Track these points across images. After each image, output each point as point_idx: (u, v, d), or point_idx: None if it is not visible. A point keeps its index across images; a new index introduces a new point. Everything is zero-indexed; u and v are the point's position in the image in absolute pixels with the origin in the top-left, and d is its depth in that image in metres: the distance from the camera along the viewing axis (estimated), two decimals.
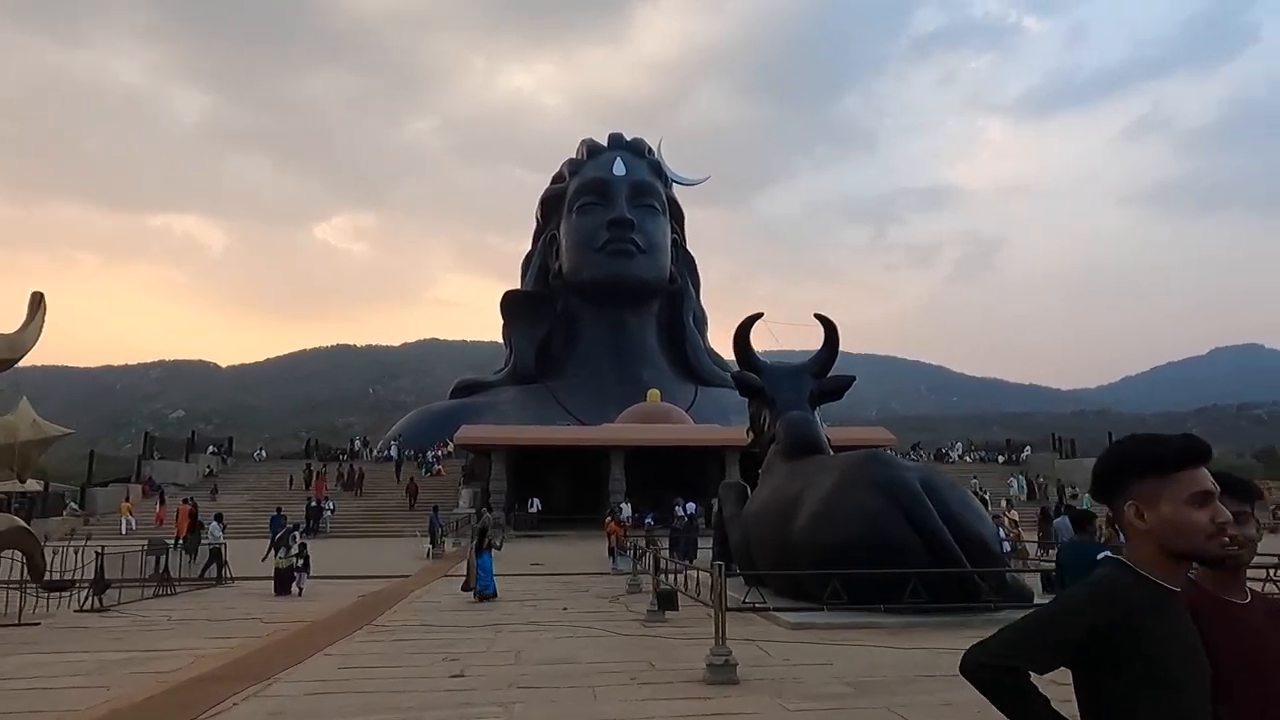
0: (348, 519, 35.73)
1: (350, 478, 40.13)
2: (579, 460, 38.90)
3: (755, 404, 16.58)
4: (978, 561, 10.80)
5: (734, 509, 16.01)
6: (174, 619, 12.21)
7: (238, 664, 8.41)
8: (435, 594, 15.56)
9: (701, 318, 59.18)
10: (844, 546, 11.18)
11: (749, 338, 16.35)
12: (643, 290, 52.72)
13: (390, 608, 13.10)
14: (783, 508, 12.78)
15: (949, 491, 11.64)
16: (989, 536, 11.34)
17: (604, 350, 52.25)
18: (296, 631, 10.71)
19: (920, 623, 10.49)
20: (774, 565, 12.89)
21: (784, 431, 14.74)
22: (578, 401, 48.74)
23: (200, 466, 42.67)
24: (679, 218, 58.80)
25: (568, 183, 54.90)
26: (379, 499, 39.10)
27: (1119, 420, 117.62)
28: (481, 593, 13.95)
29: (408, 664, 8.44)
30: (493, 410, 47.82)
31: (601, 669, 8.04)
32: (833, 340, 16.32)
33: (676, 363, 54.80)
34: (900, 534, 10.88)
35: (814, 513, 11.80)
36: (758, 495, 14.55)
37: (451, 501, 35.67)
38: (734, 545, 15.63)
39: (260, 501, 35.04)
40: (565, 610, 12.85)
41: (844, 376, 16.40)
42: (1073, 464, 46.56)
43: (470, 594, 14.15)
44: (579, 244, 52.18)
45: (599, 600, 14.30)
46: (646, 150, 57.57)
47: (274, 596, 14.62)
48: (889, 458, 12.50)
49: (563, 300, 54.03)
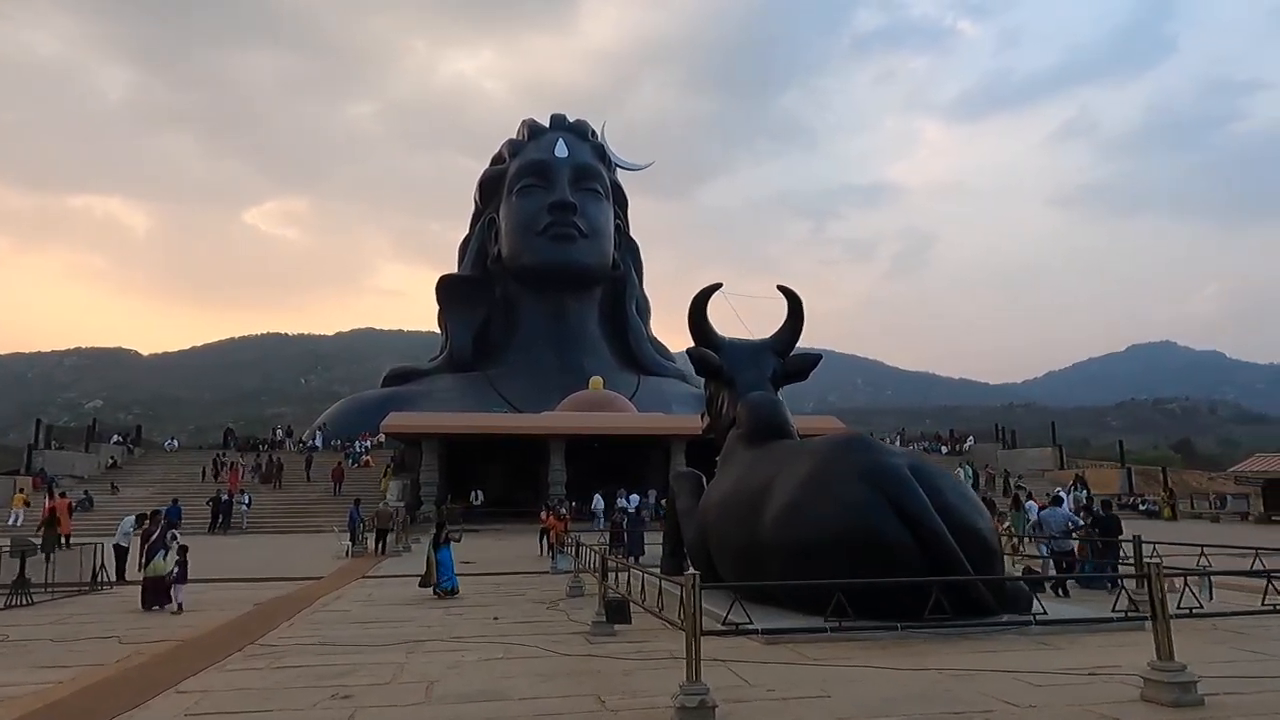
0: (264, 513, 33.05)
1: (268, 469, 37.34)
2: (516, 451, 36.92)
3: (712, 385, 14.90)
4: (978, 561, 9.29)
5: (689, 501, 14.32)
6: (10, 639, 9.95)
7: (49, 711, 6.34)
8: (346, 600, 13.50)
9: (644, 306, 57.74)
10: (822, 545, 9.57)
11: (706, 311, 14.66)
12: (585, 276, 51.00)
13: (287, 620, 11.04)
14: (747, 500, 11.13)
15: (942, 480, 10.08)
16: (988, 531, 9.81)
17: (544, 337, 50.46)
18: (155, 657, 8.61)
19: (913, 634, 8.97)
20: (737, 566, 11.24)
21: (747, 414, 13.09)
22: (516, 390, 46.86)
23: (102, 457, 39.27)
24: (623, 203, 57.11)
25: (508, 164, 52.76)
26: (300, 491, 36.43)
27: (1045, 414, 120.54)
28: (444, 590, 13.45)
29: (281, 705, 6.49)
30: (427, 399, 45.60)
31: (537, 710, 6.22)
32: (797, 315, 14.73)
33: (619, 351, 53.28)
34: (890, 530, 9.29)
35: (785, 505, 10.14)
36: (716, 486, 12.87)
37: (379, 494, 33.32)
38: (689, 543, 13.95)
39: (166, 495, 32.06)
40: (496, 621, 10.98)
41: (810, 354, 14.84)
42: (1015, 454, 46.72)
43: (429, 590, 13.63)
44: (519, 227, 50.19)
45: (536, 606, 12.45)
46: (590, 132, 55.68)
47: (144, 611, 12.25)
48: (872, 441, 10.80)
49: (501, 285, 51.97)
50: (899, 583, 8.31)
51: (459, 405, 42.76)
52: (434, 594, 13.43)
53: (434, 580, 13.62)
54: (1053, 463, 44.50)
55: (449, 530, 14.85)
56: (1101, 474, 42.36)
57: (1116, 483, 40.57)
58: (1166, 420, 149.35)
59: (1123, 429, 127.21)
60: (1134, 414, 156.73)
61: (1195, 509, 37.80)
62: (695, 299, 14.66)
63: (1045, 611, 9.06)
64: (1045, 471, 42.82)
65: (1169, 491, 37.44)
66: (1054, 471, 42.61)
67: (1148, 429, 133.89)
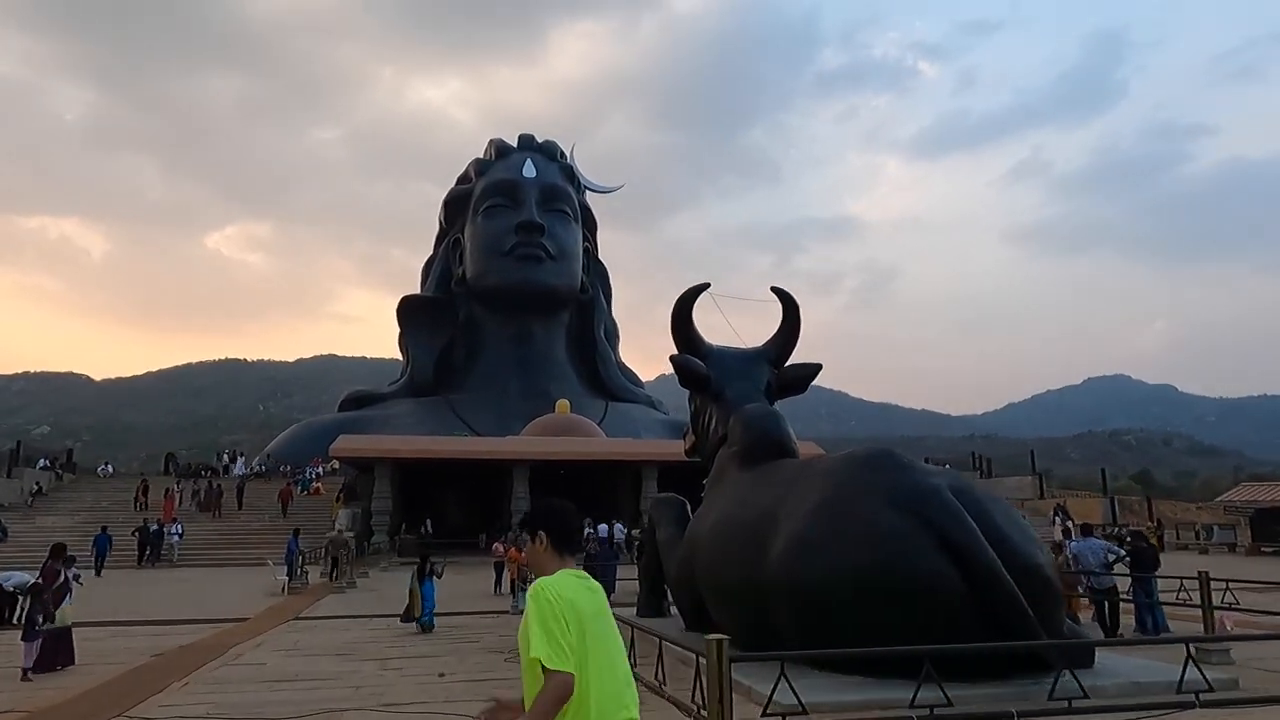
0: (200, 544, 30.42)
1: (207, 497, 34.66)
2: (477, 477, 34.75)
3: (698, 399, 13.09)
4: (1039, 605, 7.53)
5: (672, 531, 12.46)
6: None
7: None
8: (266, 650, 11.36)
9: (613, 330, 56.06)
10: (844, 585, 7.77)
11: (691, 314, 12.90)
12: (552, 299, 49.17)
13: (181, 679, 8.92)
14: (747, 530, 9.31)
15: (992, 504, 8.33)
16: (1049, 568, 8.06)
17: (509, 362, 48.42)
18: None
19: (963, 696, 7.18)
20: (733, 609, 9.39)
21: (741, 429, 11.29)
22: (479, 416, 44.71)
23: (26, 483, 36.25)
24: (592, 225, 55.59)
25: (474, 183, 50.98)
26: (241, 521, 33.79)
27: (1006, 445, 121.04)
28: (424, 624, 13.34)
29: None
30: (384, 424, 43.18)
31: None
32: (793, 320, 13.05)
33: (586, 376, 51.39)
34: (931, 566, 7.51)
35: (797, 537, 8.34)
36: (706, 513, 11.02)
37: (329, 524, 30.89)
38: (672, 580, 12.06)
39: (94, 525, 29.35)
40: (442, 678, 8.98)
41: (808, 365, 13.12)
42: (994, 483, 45.45)
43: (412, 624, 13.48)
44: (485, 248, 48.35)
45: (492, 658, 10.46)
46: (559, 153, 54.19)
47: (22, 676, 9.34)
48: (902, 457, 8.88)
49: (465, 308, 49.90)
50: (996, 648, 6.52)
51: (418, 431, 40.47)
52: (416, 628, 13.31)
53: (417, 614, 13.52)
54: (1032, 492, 43.29)
55: (433, 563, 14.60)
56: (1083, 504, 41.20)
57: (1099, 512, 39.39)
58: (1123, 451, 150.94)
59: (1081, 460, 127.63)
60: (1092, 445, 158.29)
61: (1181, 540, 36.76)
62: (680, 300, 12.89)
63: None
64: (1025, 501, 41.51)
65: (1156, 522, 36.31)
66: (1034, 501, 41.37)
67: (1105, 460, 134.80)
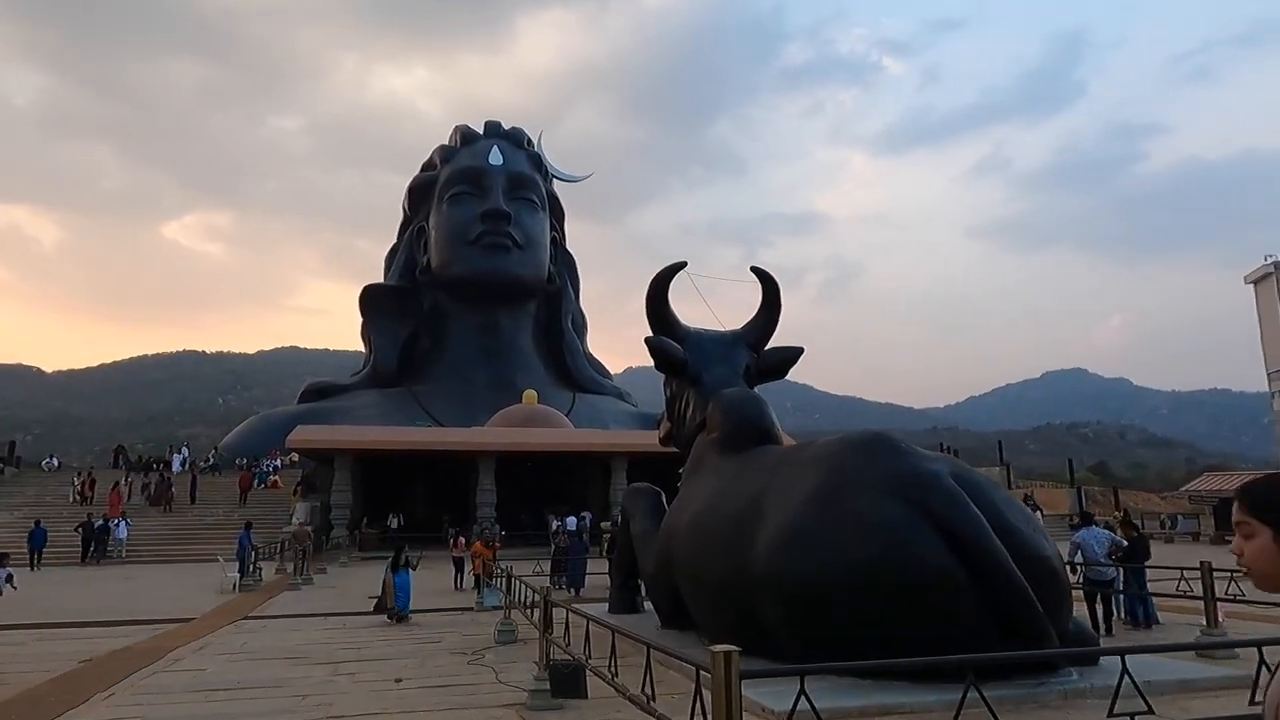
0: (150, 540, 29.13)
1: (158, 491, 33.31)
2: (442, 469, 33.82)
3: (674, 383, 12.43)
4: (1048, 600, 6.99)
5: (647, 523, 11.81)
6: None
7: None
8: (208, 653, 10.49)
9: (581, 321, 55.21)
10: (838, 579, 7.16)
11: (667, 295, 12.24)
12: (518, 288, 48.21)
13: (106, 690, 8.06)
14: (729, 521, 8.67)
15: (995, 493, 7.77)
16: (1057, 561, 7.52)
17: (474, 352, 47.41)
18: None
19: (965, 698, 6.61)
20: (716, 605, 8.77)
21: (722, 414, 10.64)
22: (444, 407, 43.63)
23: None
24: (559, 215, 54.66)
25: (439, 170, 49.77)
26: (193, 515, 32.50)
27: (968, 437, 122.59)
28: (399, 613, 13.50)
29: None
30: (346, 415, 41.92)
31: None
32: (774, 302, 12.45)
33: (553, 368, 50.55)
34: (933, 558, 6.93)
35: (786, 528, 7.71)
36: (684, 503, 10.36)
37: (284, 518, 29.80)
38: (648, 575, 11.41)
39: (32, 520, 27.91)
40: (399, 684, 8.23)
41: (789, 348, 12.54)
42: None
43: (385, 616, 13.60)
44: (450, 236, 47.26)
45: (455, 660, 9.71)
46: (526, 141, 53.14)
47: None
48: (900, 442, 8.23)
49: (430, 297, 48.75)
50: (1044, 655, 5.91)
51: (381, 422, 39.36)
52: (388, 619, 13.43)
53: (390, 604, 13.57)
54: (999, 481, 43.41)
55: (408, 555, 14.63)
56: (1051, 494, 41.41)
57: (1066, 502, 39.61)
58: (1080, 444, 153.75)
59: (1040, 452, 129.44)
60: (1049, 438, 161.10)
61: (1147, 529, 37.07)
62: (655, 280, 12.22)
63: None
64: None
65: (1124, 512, 36.53)
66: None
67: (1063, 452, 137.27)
